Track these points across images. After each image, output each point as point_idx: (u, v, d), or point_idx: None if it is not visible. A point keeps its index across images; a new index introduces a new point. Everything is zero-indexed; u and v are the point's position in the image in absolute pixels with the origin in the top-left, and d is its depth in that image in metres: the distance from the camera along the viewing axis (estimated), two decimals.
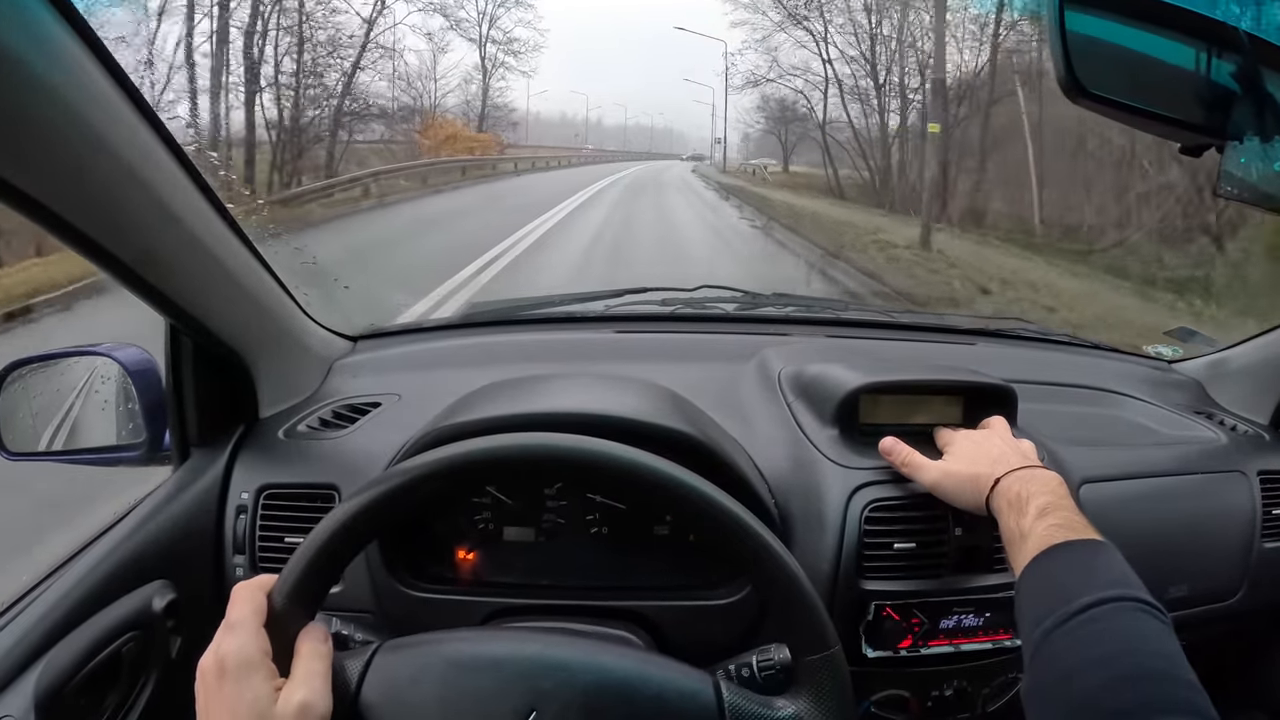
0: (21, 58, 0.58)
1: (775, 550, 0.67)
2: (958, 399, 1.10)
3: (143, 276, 0.81)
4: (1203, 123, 0.53)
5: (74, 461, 1.12)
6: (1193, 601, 1.16)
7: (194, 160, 0.80)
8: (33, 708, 0.76)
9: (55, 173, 0.67)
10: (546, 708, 0.62)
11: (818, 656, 0.66)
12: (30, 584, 0.89)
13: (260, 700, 0.59)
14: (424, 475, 0.68)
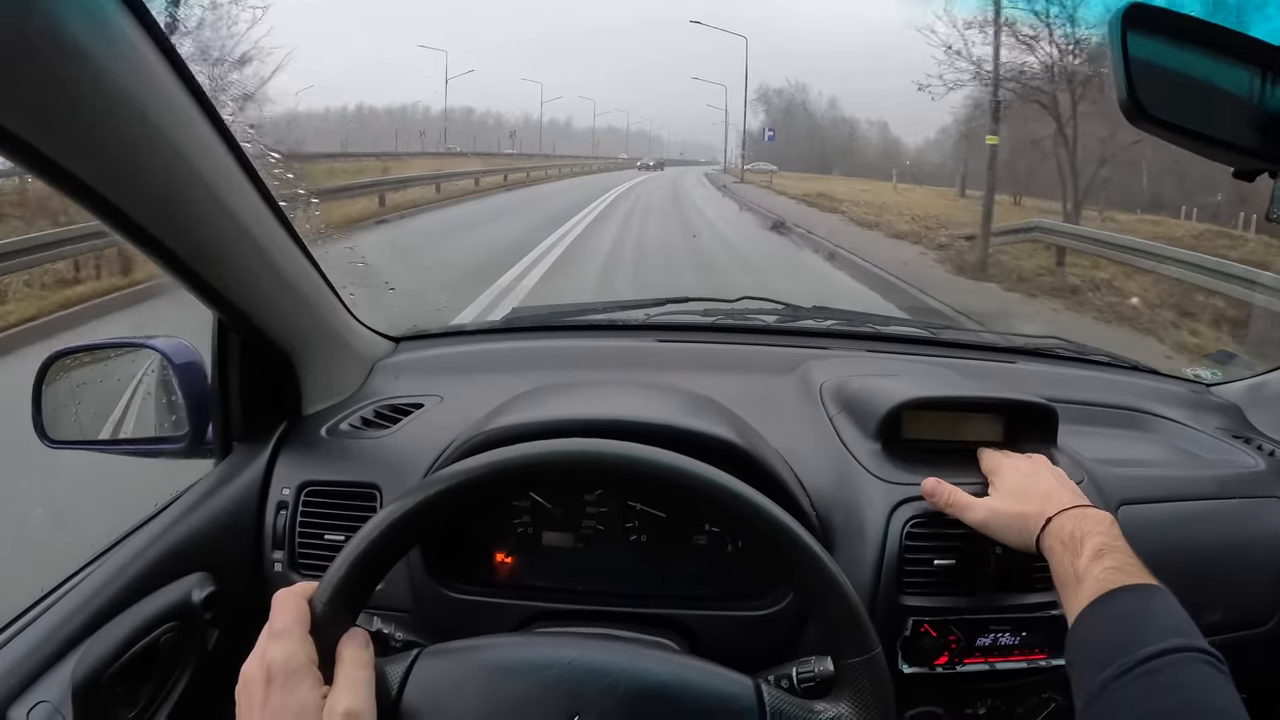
0: (93, 55, 0.63)
1: (817, 553, 0.70)
2: (1000, 417, 1.12)
3: (196, 271, 0.86)
4: (1258, 148, 0.57)
5: (115, 451, 1.17)
6: (1227, 627, 1.17)
7: (253, 159, 0.84)
8: (70, 695, 0.79)
9: (120, 169, 0.72)
10: (588, 713, 0.65)
11: (859, 659, 0.68)
12: (70, 572, 0.93)
13: (307, 708, 0.62)
14: (469, 481, 0.71)
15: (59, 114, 0.63)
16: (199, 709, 0.94)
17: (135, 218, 0.75)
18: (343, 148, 20.13)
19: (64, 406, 1.16)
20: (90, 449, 1.18)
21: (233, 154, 0.83)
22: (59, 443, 1.13)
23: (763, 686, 0.69)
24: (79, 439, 1.17)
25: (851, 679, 0.69)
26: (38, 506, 2.66)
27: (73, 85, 0.62)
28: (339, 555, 0.69)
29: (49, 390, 1.13)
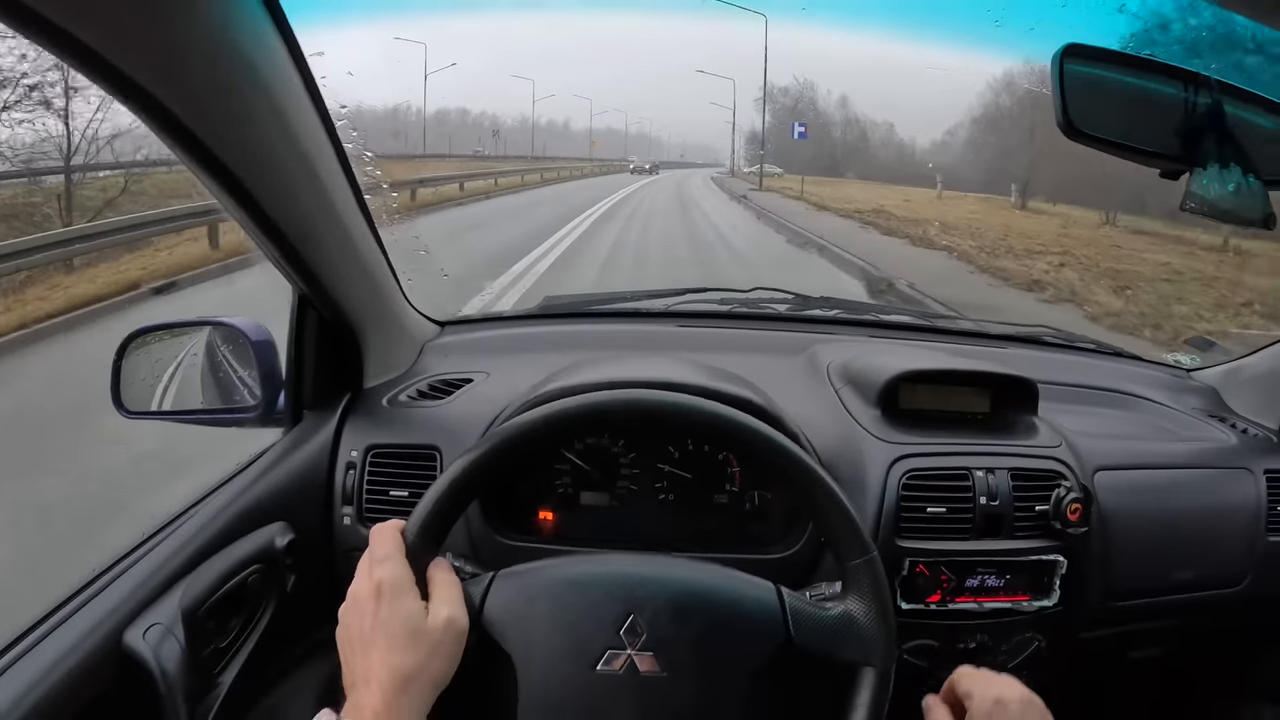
0: (253, 70, 0.81)
1: (821, 475, 0.87)
2: (986, 390, 1.29)
3: (299, 252, 1.02)
4: (1177, 154, 0.71)
5: (189, 421, 1.31)
6: (1199, 585, 1.34)
7: (351, 158, 0.99)
8: (179, 619, 0.94)
9: (257, 162, 0.89)
10: (642, 612, 0.80)
11: (860, 560, 0.85)
12: (169, 517, 1.08)
13: (414, 615, 0.77)
14: (535, 427, 0.88)
15: (222, 114, 0.80)
16: (278, 643, 1.09)
17: (263, 204, 0.92)
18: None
19: (141, 380, 1.29)
20: (163, 419, 1.31)
21: (336, 152, 1.01)
22: (134, 413, 1.26)
23: (783, 590, 0.85)
24: (153, 410, 1.31)
25: (854, 579, 0.85)
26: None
27: (235, 93, 0.80)
28: (425, 495, 0.85)
29: (127, 364, 1.26)
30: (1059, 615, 1.20)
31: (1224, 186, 0.70)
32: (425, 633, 0.76)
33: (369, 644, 0.75)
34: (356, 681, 0.74)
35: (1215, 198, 0.70)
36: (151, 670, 0.88)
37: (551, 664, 0.79)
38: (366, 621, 0.76)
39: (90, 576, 0.95)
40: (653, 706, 0.78)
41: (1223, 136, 0.70)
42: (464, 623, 0.79)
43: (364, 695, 0.72)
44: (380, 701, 0.71)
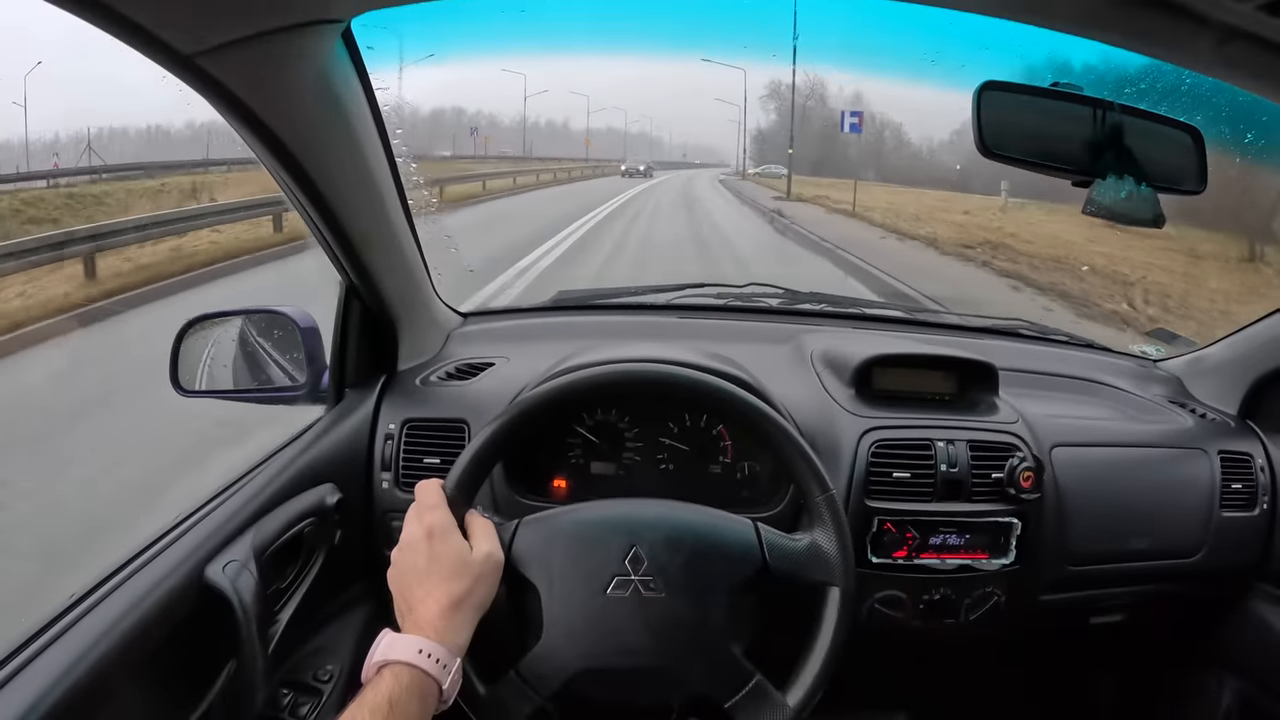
0: (340, 104, 1.03)
1: (785, 428, 1.08)
2: (953, 373, 1.46)
3: (357, 249, 1.23)
4: (1082, 167, 0.87)
5: (241, 399, 1.50)
6: (1155, 554, 1.50)
7: (400, 168, 1.18)
8: (251, 558, 1.10)
9: (337, 184, 1.10)
10: (643, 543, 1.00)
11: (821, 497, 1.05)
12: (238, 475, 1.25)
13: (462, 551, 0.96)
14: (554, 396, 1.08)
15: (314, 141, 1.02)
16: (325, 591, 1.27)
17: (336, 213, 1.13)
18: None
19: (197, 362, 1.47)
20: (216, 397, 1.50)
21: (390, 167, 1.22)
22: (191, 392, 1.44)
23: (759, 525, 1.05)
24: (208, 389, 1.48)
25: (817, 512, 1.05)
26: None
27: (324, 124, 1.02)
28: (461, 455, 1.06)
29: (185, 349, 1.43)
30: (1016, 573, 1.37)
31: (1119, 194, 0.86)
32: (471, 564, 0.95)
33: (425, 575, 0.94)
34: (414, 605, 0.92)
35: (1112, 203, 0.86)
36: (230, 599, 1.04)
37: (569, 590, 0.99)
38: (421, 559, 0.94)
39: (174, 521, 1.13)
40: (654, 621, 0.98)
41: (1121, 150, 0.87)
42: (501, 556, 0.99)
43: (423, 614, 0.91)
44: (439, 617, 0.90)
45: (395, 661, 0.85)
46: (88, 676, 0.87)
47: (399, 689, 0.83)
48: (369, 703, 0.81)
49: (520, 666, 0.98)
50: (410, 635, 0.88)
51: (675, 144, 43.84)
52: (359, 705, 0.81)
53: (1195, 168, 0.96)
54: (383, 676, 0.84)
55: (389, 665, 0.85)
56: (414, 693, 0.84)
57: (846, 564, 1.02)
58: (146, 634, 0.95)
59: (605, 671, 0.98)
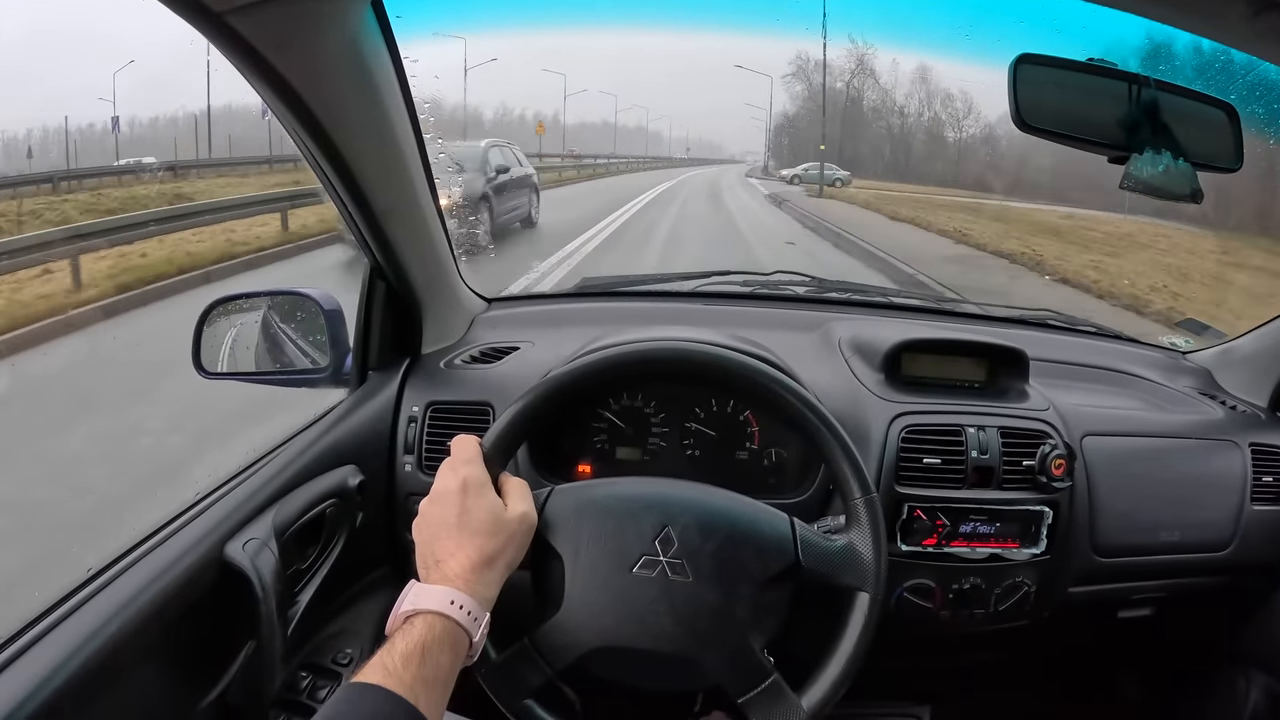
0: (370, 75, 1.05)
1: (831, 422, 1.07)
2: (983, 360, 1.47)
3: (381, 225, 1.25)
4: (1118, 142, 0.89)
5: (263, 381, 1.52)
6: (1185, 548, 1.50)
7: (427, 145, 1.21)
8: (272, 536, 1.12)
9: (364, 153, 1.12)
10: (675, 524, 1.00)
11: (860, 499, 1.05)
12: (260, 453, 1.28)
13: (496, 507, 0.96)
14: (589, 371, 1.09)
15: (343, 110, 1.05)
16: (345, 575, 1.29)
17: (361, 184, 1.15)
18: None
19: (220, 345, 1.49)
20: (238, 379, 1.52)
21: (418, 143, 1.24)
22: (213, 374, 1.46)
23: (795, 520, 1.05)
24: (230, 371, 1.50)
25: (856, 515, 1.05)
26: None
27: (354, 94, 1.05)
28: (501, 417, 1.06)
29: (208, 331, 1.46)
30: (1047, 563, 1.38)
31: (1156, 169, 0.87)
32: (505, 522, 0.95)
33: (456, 528, 0.93)
34: (443, 559, 0.91)
35: (1149, 177, 0.88)
36: (249, 576, 1.05)
37: (594, 564, 1.00)
38: (452, 511, 0.94)
39: (195, 498, 1.14)
40: (677, 605, 0.98)
41: (1157, 126, 0.88)
42: (535, 518, 1.00)
43: (451, 566, 0.90)
44: (469, 570, 0.90)
45: (426, 611, 0.85)
46: (103, 651, 0.88)
47: (431, 638, 0.83)
48: (400, 650, 0.80)
49: (535, 636, 0.99)
50: (440, 585, 0.88)
51: (676, 138, 39.96)
52: (389, 652, 0.80)
53: (1231, 145, 0.97)
54: (414, 624, 0.84)
55: (420, 614, 0.85)
56: (446, 642, 0.84)
57: (879, 570, 1.02)
58: (164, 610, 0.96)
59: (621, 651, 0.98)
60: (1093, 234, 12.41)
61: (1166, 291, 8.76)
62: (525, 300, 1.88)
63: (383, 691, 0.76)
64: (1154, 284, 9.06)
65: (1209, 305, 8.03)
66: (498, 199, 9.48)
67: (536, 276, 7.36)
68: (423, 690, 0.78)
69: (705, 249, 10.87)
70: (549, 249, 9.19)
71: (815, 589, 1.03)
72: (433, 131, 1.25)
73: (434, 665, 0.81)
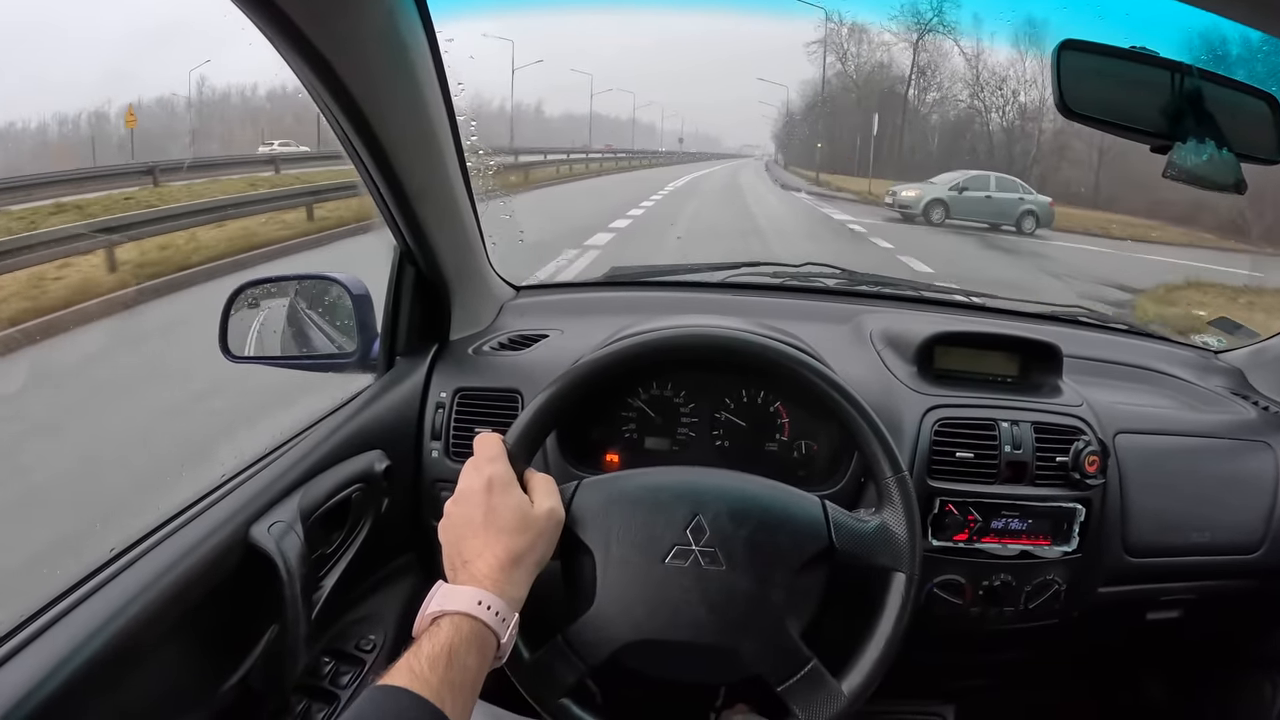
0: (405, 51, 1.06)
1: (860, 403, 1.08)
2: (1015, 355, 1.48)
3: (413, 207, 1.26)
4: (1161, 131, 0.89)
5: (290, 366, 1.52)
6: (1215, 549, 1.50)
7: (460, 128, 1.22)
8: (298, 519, 1.13)
9: (396, 132, 1.13)
10: (706, 512, 1.01)
11: (891, 478, 1.05)
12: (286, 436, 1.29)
13: (523, 505, 0.96)
14: (615, 360, 1.10)
15: (377, 87, 1.05)
16: (369, 560, 1.30)
17: (393, 162, 1.16)
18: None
19: (247, 328, 1.50)
20: (264, 363, 1.52)
21: (450, 125, 1.25)
22: (240, 358, 1.47)
23: (827, 503, 1.05)
24: (257, 355, 1.51)
25: (887, 494, 1.05)
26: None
27: (388, 71, 1.06)
28: (524, 411, 1.07)
29: (235, 315, 1.47)
30: (1078, 562, 1.38)
31: (1200, 157, 0.87)
32: (532, 520, 0.95)
33: (483, 528, 0.93)
34: (470, 559, 0.91)
35: (1193, 167, 0.88)
36: (274, 559, 1.05)
37: (626, 557, 1.00)
38: (478, 511, 0.94)
39: (220, 480, 1.15)
40: (712, 595, 0.98)
41: (1201, 115, 0.89)
42: (562, 513, 1.00)
43: (479, 566, 0.90)
44: (497, 570, 0.90)
45: (453, 612, 0.85)
46: (124, 632, 0.88)
47: (458, 639, 0.82)
48: (426, 653, 0.80)
49: (568, 633, 0.99)
50: (468, 586, 0.88)
51: (668, 130, 37.12)
52: (415, 654, 0.80)
53: (1274, 136, 0.97)
54: (440, 626, 0.84)
55: (446, 615, 0.85)
56: (473, 644, 0.83)
57: (914, 549, 1.02)
58: (187, 592, 0.97)
59: (657, 644, 0.98)
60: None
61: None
62: (554, 288, 1.89)
63: (409, 694, 0.76)
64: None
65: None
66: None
67: None
68: (449, 693, 0.78)
69: None
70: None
71: (850, 571, 1.03)
72: (466, 113, 1.26)
73: (461, 668, 0.81)
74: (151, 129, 11.33)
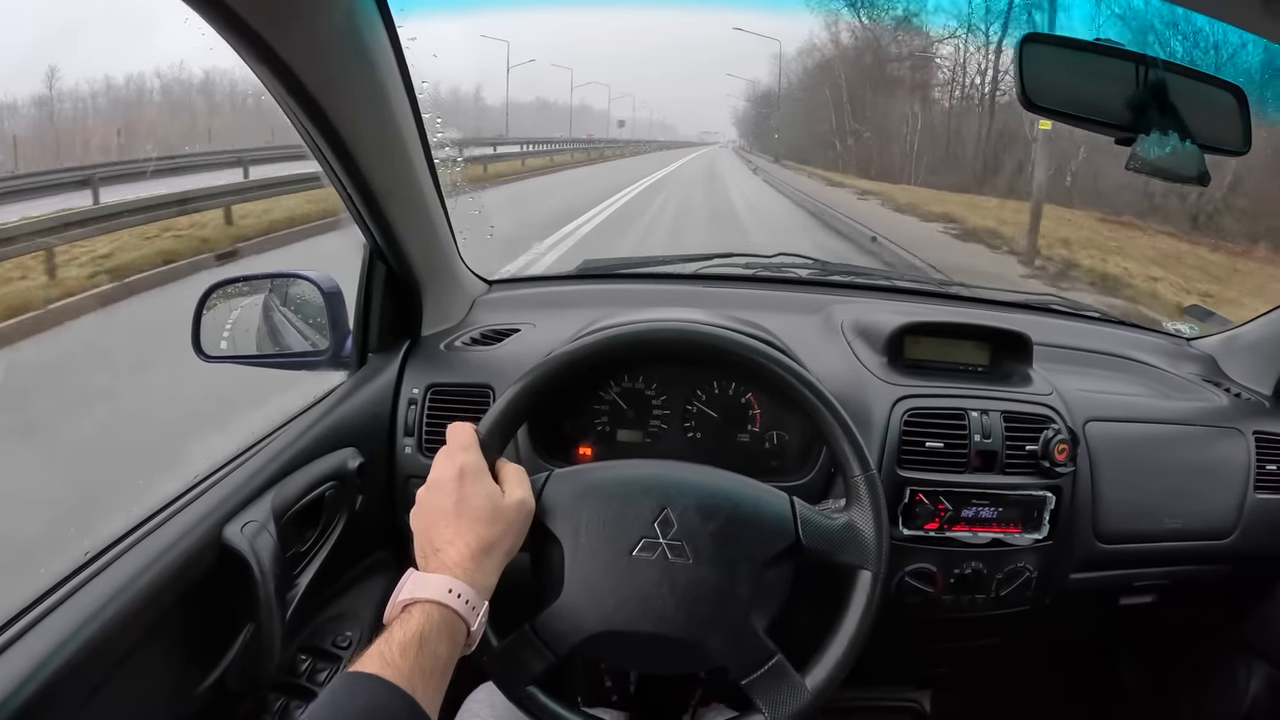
0: (366, 50, 1.04)
1: (831, 401, 1.07)
2: (986, 344, 1.46)
3: (380, 206, 1.24)
4: (1125, 123, 0.88)
5: (263, 364, 1.50)
6: (1187, 535, 1.50)
7: (426, 124, 1.20)
8: (271, 519, 1.12)
9: (359, 130, 1.10)
10: (674, 507, 1.00)
11: (860, 475, 1.04)
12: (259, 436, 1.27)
13: (494, 494, 0.96)
14: (586, 352, 1.08)
15: (338, 86, 1.03)
16: (344, 558, 1.29)
17: (358, 160, 1.13)
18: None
19: (220, 327, 1.48)
20: (238, 362, 1.50)
21: (416, 122, 1.23)
22: (213, 357, 1.45)
23: (795, 499, 1.04)
24: (230, 354, 1.49)
25: (856, 492, 1.04)
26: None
27: (349, 70, 1.03)
28: (496, 402, 1.06)
29: (208, 314, 1.45)
30: (1049, 549, 1.37)
31: (1164, 150, 0.86)
32: (503, 510, 0.95)
33: (454, 516, 0.93)
34: (441, 547, 0.91)
35: (1156, 159, 0.87)
36: (248, 560, 1.04)
37: (594, 548, 0.99)
38: (449, 499, 0.94)
39: (193, 481, 1.14)
40: (678, 588, 0.97)
41: (1165, 107, 0.87)
42: (532, 504, 0.99)
43: (449, 554, 0.90)
44: (468, 558, 0.90)
45: (425, 600, 0.85)
46: (101, 634, 0.88)
47: (429, 627, 0.82)
48: (398, 640, 0.80)
49: (536, 622, 0.99)
50: (438, 574, 0.88)
51: (615, 117, 35.41)
52: (387, 641, 0.80)
53: (1239, 128, 0.96)
54: (411, 614, 0.84)
55: (417, 603, 0.85)
56: (444, 631, 0.83)
57: (881, 547, 1.01)
58: (161, 593, 0.96)
59: (623, 635, 0.98)
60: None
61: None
62: (526, 282, 1.87)
63: (380, 681, 0.76)
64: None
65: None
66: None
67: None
68: (420, 680, 0.78)
69: None
70: None
71: (817, 568, 1.02)
72: (432, 111, 1.24)
73: (432, 655, 0.81)
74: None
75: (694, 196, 16.61)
